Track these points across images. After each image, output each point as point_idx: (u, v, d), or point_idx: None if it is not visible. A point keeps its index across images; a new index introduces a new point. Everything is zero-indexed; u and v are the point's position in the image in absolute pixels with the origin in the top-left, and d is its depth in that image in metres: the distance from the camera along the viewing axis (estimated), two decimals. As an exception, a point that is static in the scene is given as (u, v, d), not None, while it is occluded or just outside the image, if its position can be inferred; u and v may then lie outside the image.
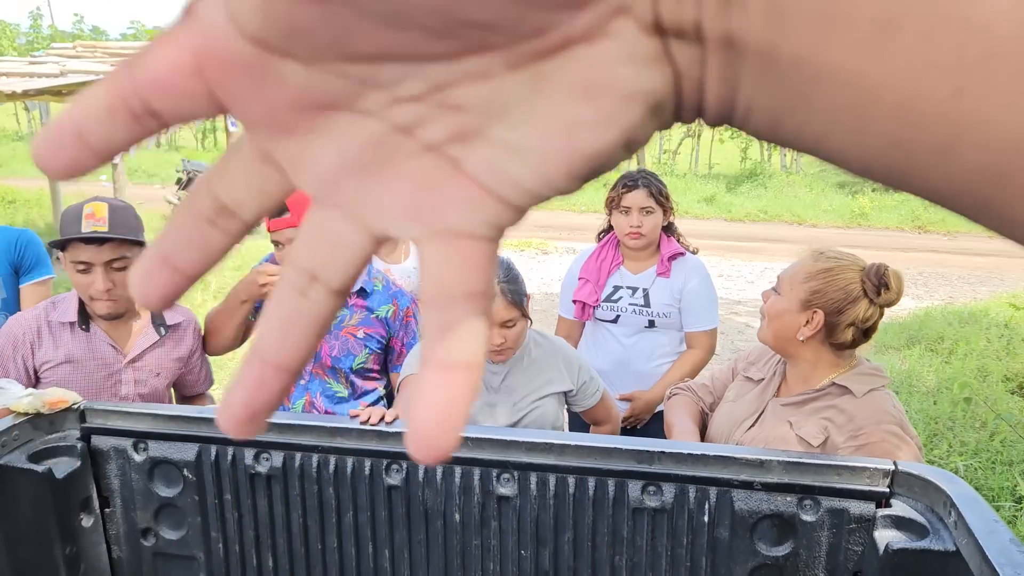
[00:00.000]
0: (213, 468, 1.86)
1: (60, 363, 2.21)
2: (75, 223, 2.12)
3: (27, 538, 1.80)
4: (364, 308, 2.49)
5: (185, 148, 20.61)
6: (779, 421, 1.93)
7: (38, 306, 2.29)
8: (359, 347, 2.47)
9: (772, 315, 1.93)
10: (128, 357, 2.28)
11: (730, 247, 10.53)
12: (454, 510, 1.77)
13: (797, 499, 1.61)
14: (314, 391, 2.48)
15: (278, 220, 2.34)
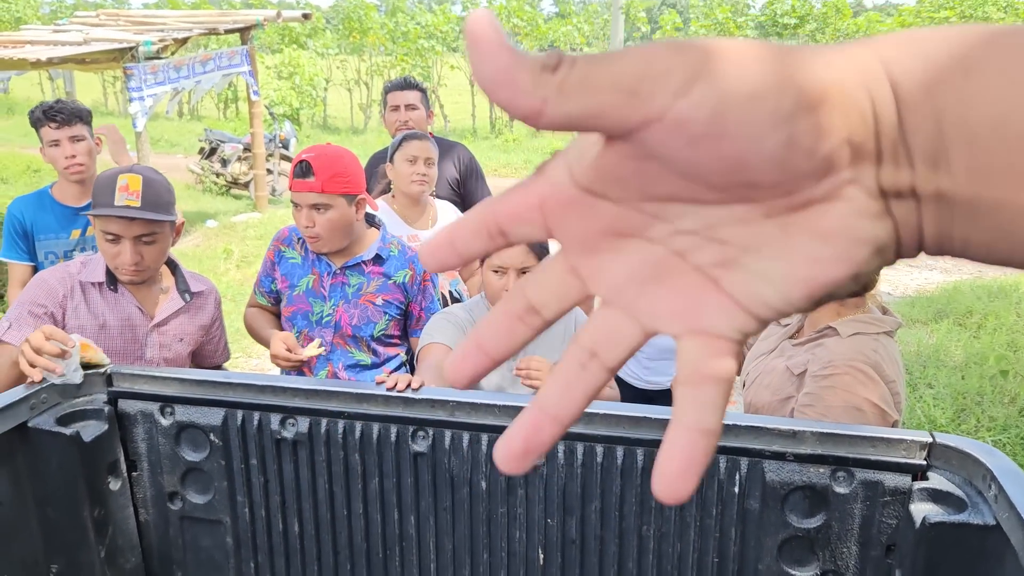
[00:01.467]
0: (239, 433, 1.86)
1: (86, 322, 2.21)
2: (108, 193, 2.11)
3: (56, 500, 1.81)
4: (381, 275, 2.48)
5: (207, 118, 20.60)
6: (781, 355, 2.07)
7: (70, 263, 2.29)
8: (379, 314, 2.46)
9: None
10: (154, 320, 2.28)
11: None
12: (480, 478, 1.76)
13: (830, 471, 1.58)
14: (336, 361, 2.48)
15: (301, 182, 2.33)
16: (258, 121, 10.10)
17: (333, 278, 2.45)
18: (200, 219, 9.90)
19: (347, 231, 2.41)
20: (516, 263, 2.19)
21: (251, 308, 2.66)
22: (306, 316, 2.47)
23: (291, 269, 2.49)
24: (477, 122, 18.81)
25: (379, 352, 2.51)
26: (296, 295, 2.47)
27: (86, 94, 20.22)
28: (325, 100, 19.85)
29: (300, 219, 2.37)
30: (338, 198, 2.34)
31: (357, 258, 2.45)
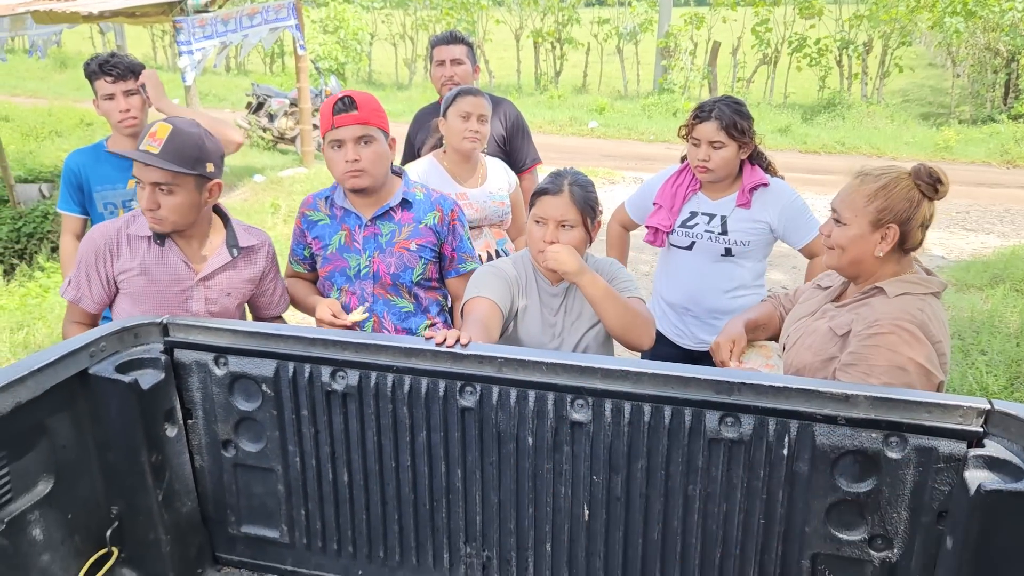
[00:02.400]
0: (291, 384, 1.89)
1: (136, 274, 2.27)
2: (143, 137, 2.15)
3: (116, 445, 1.87)
4: (411, 220, 2.48)
5: (254, 72, 20.68)
6: (823, 316, 2.06)
7: (120, 217, 2.34)
8: (415, 259, 2.47)
9: (844, 244, 1.97)
10: (200, 275, 2.32)
11: (804, 180, 10.15)
12: (527, 434, 1.77)
13: (883, 435, 1.56)
14: (380, 311, 2.49)
15: (344, 116, 2.31)
16: (304, 76, 10.11)
17: (365, 230, 2.46)
18: (248, 173, 10.01)
19: (385, 166, 2.42)
20: (556, 215, 2.19)
21: (289, 279, 2.66)
22: (343, 272, 2.48)
23: (321, 231, 2.50)
24: (522, 78, 18.60)
25: (420, 297, 2.53)
26: (330, 253, 2.48)
27: (136, 47, 20.43)
28: (370, 55, 19.78)
29: (343, 156, 2.34)
30: (378, 132, 2.36)
31: (385, 206, 2.45)
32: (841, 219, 1.98)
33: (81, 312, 2.33)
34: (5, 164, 8.25)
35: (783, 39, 15.99)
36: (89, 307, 2.31)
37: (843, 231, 1.97)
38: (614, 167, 11.13)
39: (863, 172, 2.00)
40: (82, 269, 2.28)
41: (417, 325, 2.51)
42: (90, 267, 2.27)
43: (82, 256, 2.28)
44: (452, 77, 3.43)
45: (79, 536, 1.85)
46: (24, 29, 8.34)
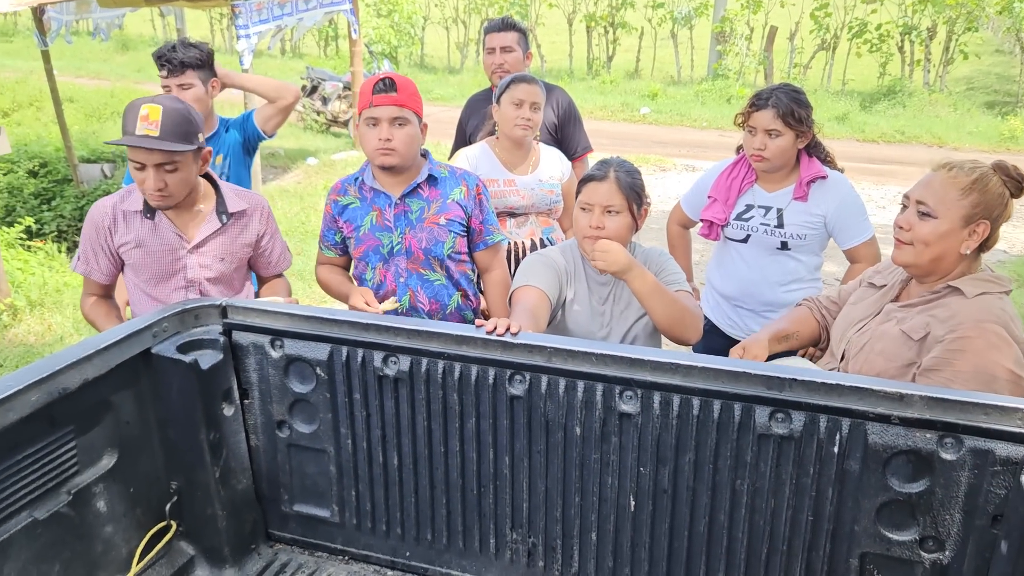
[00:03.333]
0: (344, 368, 1.93)
1: (133, 247, 2.41)
2: (132, 122, 2.22)
3: (176, 422, 1.94)
4: (439, 196, 2.55)
5: (308, 56, 20.90)
6: (888, 319, 1.95)
7: (115, 194, 2.46)
8: (444, 233, 2.54)
9: (933, 239, 1.85)
10: (192, 243, 2.44)
11: (861, 169, 9.93)
12: (575, 423, 1.79)
13: (938, 436, 1.53)
14: (415, 285, 2.57)
15: (383, 96, 2.39)
16: (358, 60, 10.19)
17: (395, 208, 2.53)
18: (301, 156, 10.15)
19: (416, 148, 2.50)
20: (602, 200, 2.20)
21: (322, 266, 2.74)
22: (377, 250, 2.56)
23: (352, 214, 2.58)
24: (574, 63, 18.48)
25: (452, 270, 2.60)
26: (363, 234, 2.56)
27: (195, 30, 20.79)
28: (422, 38, 19.84)
29: (377, 134, 2.42)
30: (413, 115, 2.44)
31: (413, 183, 2.53)
32: (931, 212, 1.85)
33: (94, 284, 2.51)
34: (69, 144, 8.50)
35: (843, 24, 15.60)
36: (100, 279, 2.49)
37: (930, 225, 1.85)
38: (665, 154, 11.02)
39: (950, 164, 1.88)
40: (88, 245, 2.45)
41: (449, 297, 2.60)
42: (94, 242, 2.43)
43: (86, 233, 2.45)
44: (502, 65, 3.45)
45: (140, 509, 1.92)
46: (89, 13, 8.56)
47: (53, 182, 8.28)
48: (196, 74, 3.05)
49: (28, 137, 9.91)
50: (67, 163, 8.54)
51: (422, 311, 2.58)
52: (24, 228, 6.54)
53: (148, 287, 2.47)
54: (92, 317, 2.51)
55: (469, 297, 2.67)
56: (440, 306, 2.59)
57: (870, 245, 2.74)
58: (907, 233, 1.89)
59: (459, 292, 2.63)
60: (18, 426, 1.57)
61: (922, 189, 1.89)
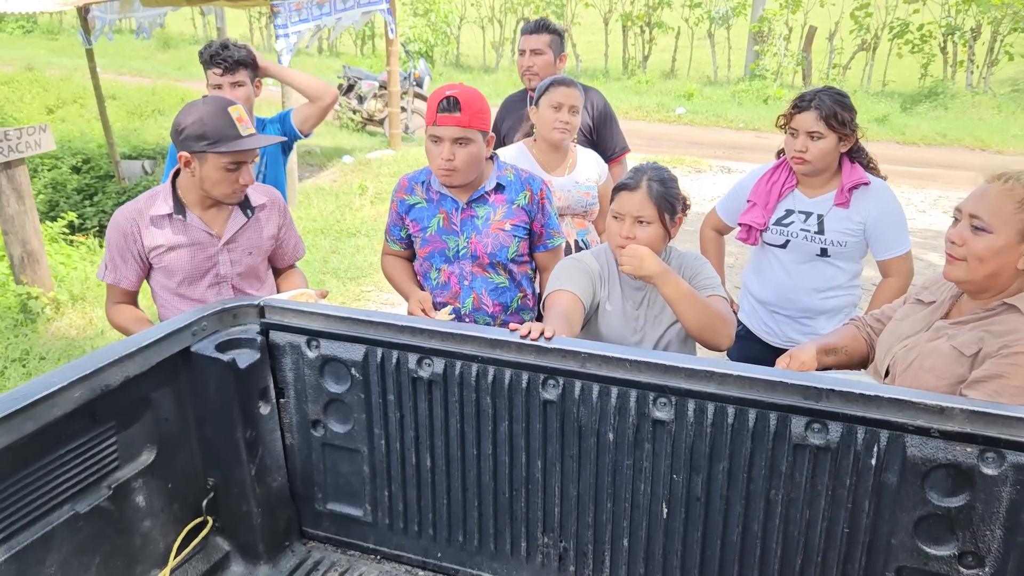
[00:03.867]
0: (378, 369, 1.94)
1: (165, 250, 2.45)
2: (230, 126, 2.30)
3: (213, 420, 1.96)
4: (505, 201, 2.58)
5: (345, 55, 21.05)
6: (938, 335, 1.89)
7: (137, 200, 2.50)
8: (509, 239, 2.57)
9: (988, 255, 1.77)
10: (223, 240, 2.49)
11: (901, 172, 9.77)
12: (608, 429, 1.78)
13: (979, 450, 1.50)
14: (479, 288, 2.60)
15: (447, 116, 2.39)
16: (394, 59, 10.26)
17: (462, 213, 2.57)
18: (337, 154, 10.23)
19: (479, 165, 2.51)
20: (633, 211, 2.19)
21: (388, 256, 2.79)
22: (442, 253, 2.59)
23: (419, 213, 2.61)
24: (609, 62, 18.41)
25: (514, 272, 2.64)
26: (429, 236, 2.60)
27: (234, 29, 21.05)
28: (458, 38, 19.89)
29: (440, 152, 2.43)
30: (477, 133, 2.44)
31: (480, 190, 2.56)
32: (985, 227, 1.77)
33: (121, 292, 2.52)
34: (112, 141, 8.66)
35: (884, 24, 15.35)
36: (128, 286, 2.51)
37: (986, 240, 1.77)
38: (701, 155, 10.94)
39: (1006, 175, 1.78)
40: (115, 252, 2.46)
41: (511, 298, 2.64)
42: (121, 249, 2.45)
43: (112, 240, 2.46)
44: (531, 67, 3.49)
45: (177, 504, 1.95)
46: (132, 12, 8.71)
47: (95, 178, 8.45)
48: (247, 73, 3.12)
49: (72, 134, 10.11)
50: (109, 159, 8.71)
51: (486, 312, 2.62)
52: (67, 223, 6.68)
53: (181, 288, 2.51)
54: (123, 323, 2.52)
55: (528, 296, 2.72)
56: (503, 307, 2.64)
57: (905, 260, 2.69)
58: (960, 248, 1.81)
59: (520, 292, 2.68)
60: (62, 421, 1.60)
61: (975, 202, 1.80)
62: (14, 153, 4.96)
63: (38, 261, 5.28)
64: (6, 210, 5.08)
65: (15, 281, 5.25)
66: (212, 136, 2.29)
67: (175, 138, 2.36)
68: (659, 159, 10.08)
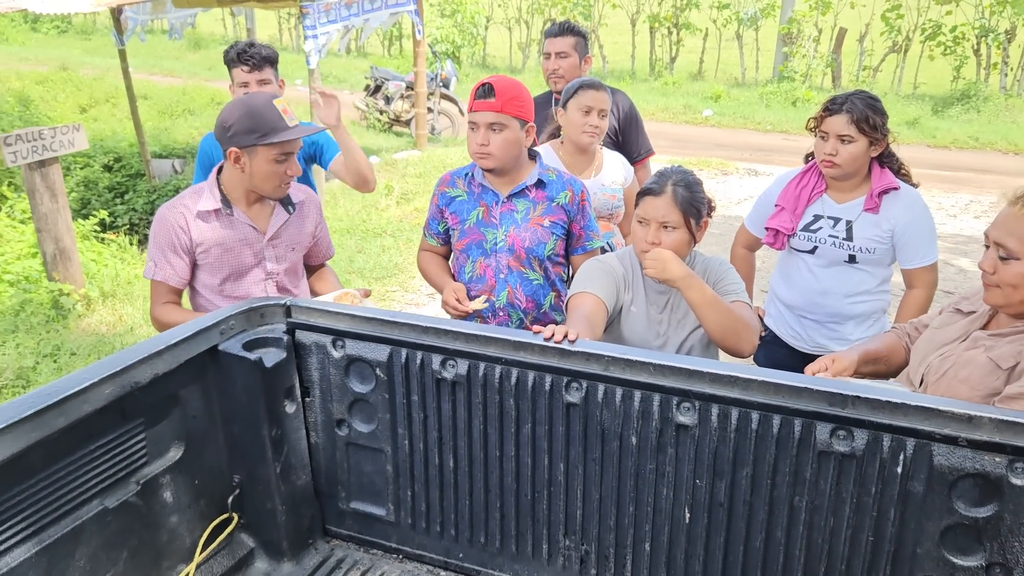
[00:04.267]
0: (403, 370, 1.96)
1: (211, 246, 2.47)
2: (278, 119, 2.34)
3: (240, 418, 1.99)
4: (545, 198, 2.60)
5: (373, 55, 21.16)
6: (975, 345, 1.87)
7: (181, 196, 2.51)
8: (547, 235, 2.59)
9: (1019, 281, 1.75)
10: (267, 235, 2.52)
11: (931, 176, 9.64)
12: (631, 433, 1.78)
13: (1007, 460, 1.48)
14: (514, 283, 2.62)
15: (482, 102, 2.46)
16: (421, 60, 10.30)
17: (502, 206, 2.61)
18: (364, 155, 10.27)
19: (516, 154, 2.54)
20: (658, 216, 2.19)
21: (424, 252, 2.85)
22: (480, 245, 2.63)
23: (459, 206, 2.66)
24: (636, 64, 18.35)
25: (549, 271, 2.66)
26: (467, 228, 2.64)
27: (264, 30, 21.26)
28: (485, 39, 19.93)
29: (475, 139, 2.51)
30: (513, 120, 2.48)
31: (521, 185, 2.59)
32: (1012, 255, 1.75)
33: (169, 290, 2.50)
34: (143, 140, 8.78)
35: (915, 26, 15.16)
36: (177, 283, 2.50)
37: (1014, 268, 1.75)
38: (727, 157, 10.87)
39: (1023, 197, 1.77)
40: (164, 248, 2.45)
41: (544, 296, 2.66)
42: (171, 244, 2.45)
43: (159, 236, 2.45)
44: (556, 70, 3.51)
45: (204, 501, 1.98)
46: (164, 13, 8.82)
47: (126, 176, 8.57)
48: (272, 71, 3.15)
49: (104, 133, 10.26)
50: (140, 158, 8.83)
51: (519, 308, 2.64)
52: (98, 221, 6.78)
53: (226, 285, 2.52)
54: (174, 320, 2.43)
55: (561, 297, 2.73)
56: (535, 305, 2.65)
57: (931, 271, 2.65)
58: (992, 276, 1.80)
59: (553, 292, 2.69)
60: (92, 417, 1.63)
61: (998, 230, 1.79)
62: (48, 152, 5.05)
63: (70, 258, 5.37)
64: (40, 208, 5.17)
65: (47, 278, 5.34)
66: (262, 129, 2.33)
67: (222, 136, 2.38)
68: (685, 161, 10.04)
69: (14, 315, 5.10)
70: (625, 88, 16.09)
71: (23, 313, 5.12)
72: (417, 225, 7.29)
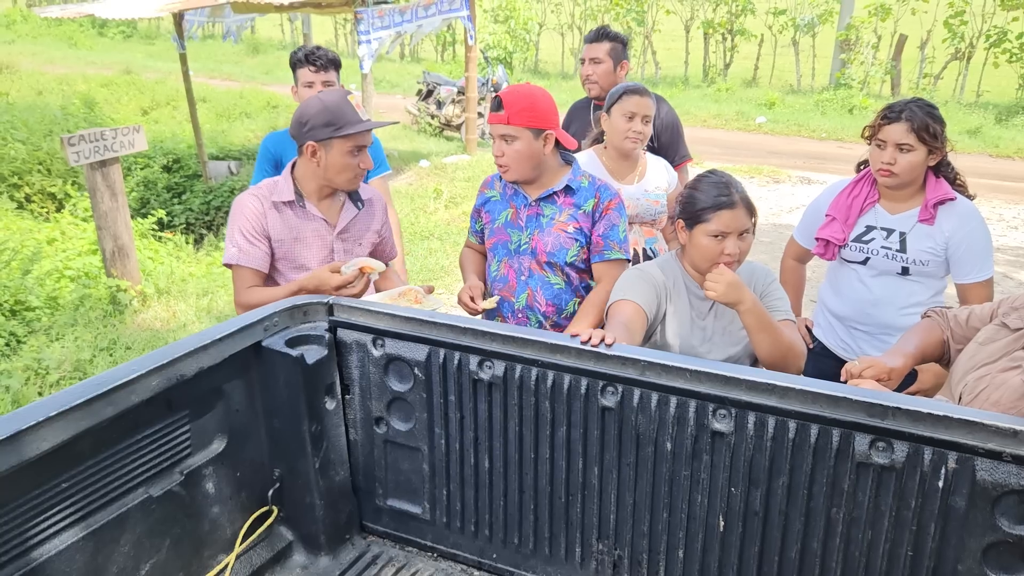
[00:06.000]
0: (440, 370, 1.98)
1: (286, 235, 2.52)
2: (352, 112, 2.43)
3: (281, 413, 2.03)
4: (572, 205, 2.61)
5: (426, 60, 21.38)
6: (1012, 365, 1.81)
7: (258, 186, 2.57)
8: (570, 241, 2.60)
9: None
10: (337, 229, 2.58)
11: (992, 187, 9.38)
12: (666, 439, 1.77)
13: (1054, 478, 1.44)
14: (535, 286, 2.63)
15: (493, 115, 2.52)
16: (473, 65, 10.37)
17: (529, 210, 2.63)
18: (414, 158, 10.40)
19: (533, 162, 2.55)
20: (740, 226, 2.16)
21: (465, 248, 2.94)
22: (505, 245, 2.67)
23: (493, 206, 2.73)
24: (690, 69, 18.21)
25: (572, 277, 2.66)
26: (496, 227, 2.69)
27: (320, 35, 21.64)
28: (537, 44, 19.98)
29: (494, 150, 2.57)
30: (524, 131, 2.50)
31: (549, 190, 2.60)
32: None
33: (252, 274, 2.50)
34: (201, 142, 9.01)
35: (979, 33, 14.76)
36: (259, 266, 2.51)
37: None
38: (780, 165, 10.71)
39: None
40: (243, 235, 2.49)
41: (566, 302, 2.66)
42: (253, 230, 2.50)
43: (238, 222, 2.50)
44: (590, 76, 3.54)
45: (245, 493, 2.02)
46: (222, 17, 9.05)
47: (184, 177, 8.80)
48: (335, 74, 3.24)
49: (164, 135, 10.55)
50: (198, 160, 9.05)
51: (538, 311, 2.64)
52: (156, 220, 6.98)
53: (299, 276, 2.53)
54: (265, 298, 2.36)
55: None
56: (556, 309, 2.65)
57: (985, 287, 2.57)
58: None
59: (576, 298, 2.68)
60: (139, 408, 1.68)
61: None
62: (109, 152, 5.22)
63: (128, 256, 5.54)
64: (100, 206, 5.34)
65: (106, 274, 5.51)
66: (338, 122, 2.40)
67: (298, 132, 2.44)
68: (736, 168, 9.92)
69: (74, 309, 5.27)
70: (678, 94, 15.99)
71: (82, 308, 5.29)
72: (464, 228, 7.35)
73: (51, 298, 5.37)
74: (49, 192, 8.14)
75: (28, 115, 9.80)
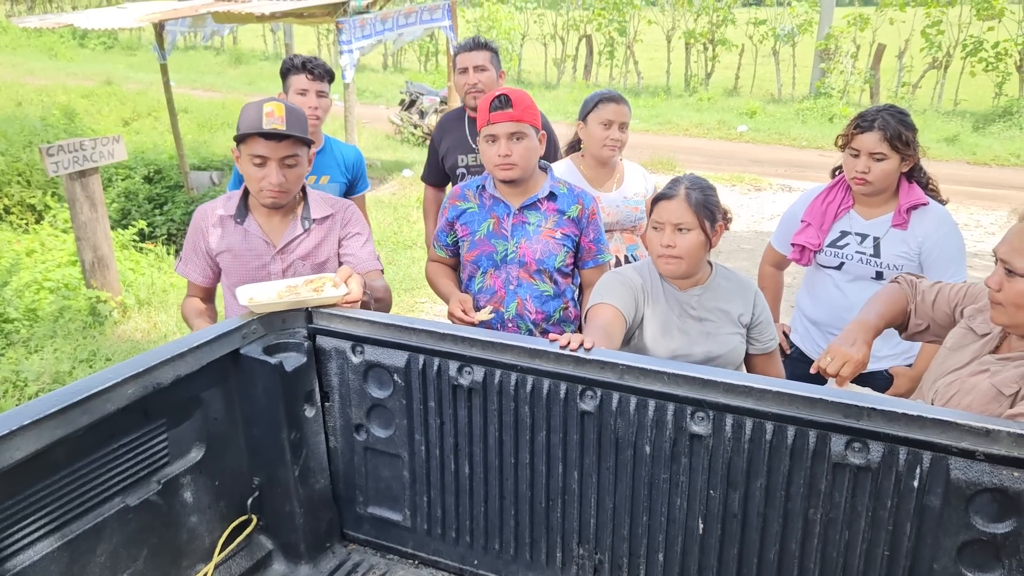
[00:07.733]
0: (420, 376, 1.98)
1: (222, 252, 2.49)
2: (256, 119, 2.28)
3: (260, 421, 2.02)
4: (556, 211, 2.61)
5: (409, 70, 21.39)
6: (981, 369, 1.82)
7: (218, 200, 2.54)
8: (558, 247, 2.60)
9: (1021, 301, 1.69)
10: (277, 248, 2.48)
11: (970, 194, 9.49)
12: (645, 442, 1.78)
13: (1026, 476, 1.46)
14: (523, 294, 2.63)
15: (500, 113, 2.46)
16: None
17: (513, 218, 2.61)
18: (397, 168, 10.40)
19: (535, 161, 2.57)
20: (673, 219, 2.20)
21: (432, 263, 2.86)
22: (490, 256, 2.64)
23: (470, 218, 2.67)
24: (671, 79, 18.33)
25: (559, 282, 2.67)
26: (478, 239, 2.65)
27: (302, 46, 21.61)
28: (520, 55, 20.05)
29: (496, 150, 2.50)
30: (531, 128, 2.51)
31: (533, 197, 2.60)
32: (1017, 270, 1.68)
33: (194, 286, 2.58)
34: (182, 152, 8.96)
35: (956, 42, 14.95)
36: (197, 281, 2.55)
37: (1015, 286, 1.69)
38: (761, 173, 10.79)
39: None
40: (189, 247, 2.53)
41: (554, 308, 2.66)
42: (194, 244, 2.52)
43: (188, 236, 2.54)
44: (476, 84, 3.41)
45: (224, 502, 2.01)
46: (203, 26, 9.02)
47: (166, 188, 8.73)
48: (328, 86, 3.21)
49: (145, 145, 10.48)
50: (179, 170, 9.01)
51: (528, 319, 2.64)
52: (137, 231, 6.92)
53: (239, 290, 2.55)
54: (185, 314, 2.58)
55: (571, 309, 2.74)
56: (545, 316, 2.66)
57: None
58: (998, 294, 1.74)
59: (563, 303, 2.70)
60: (115, 417, 1.67)
61: (1005, 246, 1.73)
62: (88, 162, 5.18)
63: (108, 266, 5.50)
64: (79, 217, 5.30)
65: (86, 285, 5.46)
66: (242, 127, 2.31)
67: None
68: (717, 177, 9.98)
69: (53, 321, 5.22)
70: (659, 104, 16.08)
71: (61, 319, 5.24)
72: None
73: (30, 310, 5.31)
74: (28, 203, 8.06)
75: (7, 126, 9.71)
